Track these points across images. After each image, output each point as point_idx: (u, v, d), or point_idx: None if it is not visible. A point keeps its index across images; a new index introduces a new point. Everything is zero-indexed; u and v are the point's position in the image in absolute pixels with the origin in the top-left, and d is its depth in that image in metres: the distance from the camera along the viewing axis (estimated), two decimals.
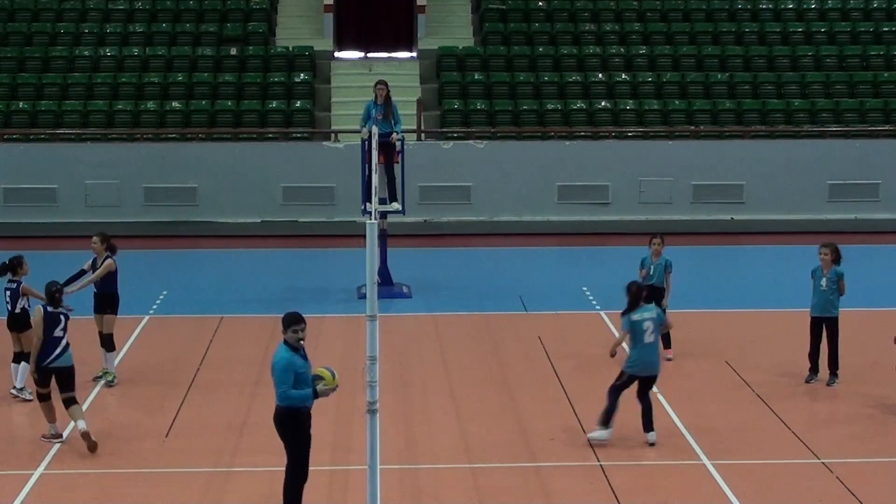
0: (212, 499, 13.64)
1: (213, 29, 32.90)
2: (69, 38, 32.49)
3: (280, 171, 29.44)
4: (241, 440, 15.39)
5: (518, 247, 27.59)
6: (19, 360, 16.97)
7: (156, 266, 25.80)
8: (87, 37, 32.53)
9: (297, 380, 12.50)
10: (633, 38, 33.07)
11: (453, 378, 17.99)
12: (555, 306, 22.18)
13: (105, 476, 14.26)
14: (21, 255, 17.32)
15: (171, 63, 31.96)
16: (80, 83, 31.20)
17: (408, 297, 22.77)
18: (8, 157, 29.43)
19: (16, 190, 29.14)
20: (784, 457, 14.92)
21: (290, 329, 12.53)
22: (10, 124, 30.41)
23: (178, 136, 30.38)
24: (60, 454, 14.90)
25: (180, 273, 25.13)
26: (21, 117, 30.49)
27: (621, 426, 15.84)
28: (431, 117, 31.24)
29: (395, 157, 22.49)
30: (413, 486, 14.00)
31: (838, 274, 17.44)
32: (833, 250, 17.53)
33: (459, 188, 29.69)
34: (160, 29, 32.83)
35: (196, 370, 18.22)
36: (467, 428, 15.87)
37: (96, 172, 29.22)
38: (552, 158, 29.86)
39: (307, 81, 31.78)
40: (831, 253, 17.52)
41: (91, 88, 31.17)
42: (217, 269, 25.55)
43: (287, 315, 12.63)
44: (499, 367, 18.49)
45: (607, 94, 31.63)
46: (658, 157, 29.97)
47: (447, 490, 13.91)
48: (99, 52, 32.03)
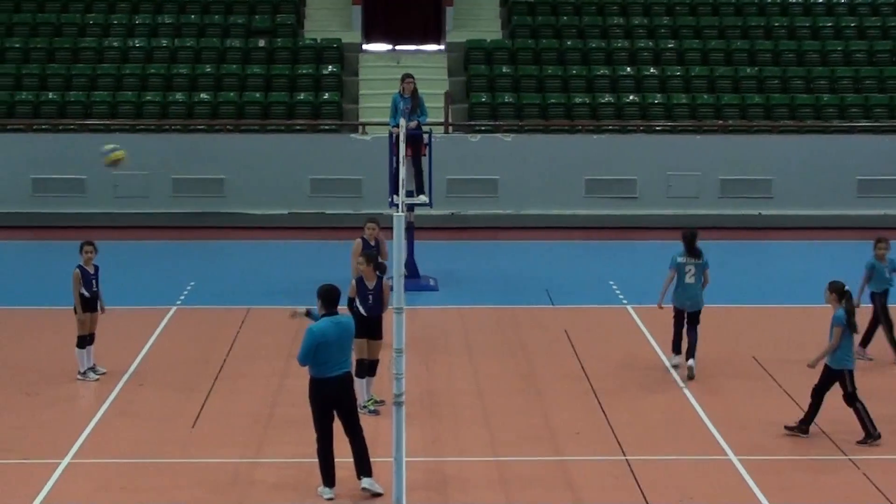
0: (239, 488, 13.68)
1: (241, 21, 32.95)
2: (98, 28, 32.59)
3: (307, 163, 29.48)
4: (268, 430, 15.43)
5: (545, 240, 27.55)
6: (84, 345, 17.10)
7: (183, 257, 25.88)
8: (117, 28, 32.62)
9: (318, 351, 13.17)
10: (662, 31, 32.98)
11: (479, 371, 17.99)
12: (581, 300, 22.15)
13: (132, 465, 14.32)
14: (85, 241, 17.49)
15: (199, 54, 32.02)
16: (109, 74, 31.29)
17: (434, 289, 22.77)
18: (37, 147, 29.56)
19: (45, 180, 29.25)
20: (811, 453, 14.86)
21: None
22: (39, 115, 30.53)
23: (207, 128, 30.45)
24: (88, 443, 14.96)
25: (208, 264, 25.19)
26: (50, 108, 30.61)
27: (647, 421, 15.83)
28: (459, 110, 31.22)
29: (423, 150, 22.49)
30: (439, 478, 14.01)
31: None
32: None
33: (486, 181, 29.66)
34: (189, 20, 32.90)
35: (223, 361, 18.27)
36: (493, 421, 15.87)
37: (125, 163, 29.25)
38: (580, 152, 29.82)
39: (335, 73, 31.81)
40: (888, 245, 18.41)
41: (120, 79, 31.26)
42: (244, 261, 25.59)
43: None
44: (525, 361, 18.49)
45: (636, 88, 31.56)
46: (686, 151, 29.89)
47: (473, 483, 13.92)
48: (128, 43, 32.11)
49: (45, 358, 18.22)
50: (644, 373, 17.95)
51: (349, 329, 13.55)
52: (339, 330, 13.33)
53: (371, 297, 15.78)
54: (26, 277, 23.71)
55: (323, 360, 13.22)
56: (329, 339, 13.23)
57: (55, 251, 25.13)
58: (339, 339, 13.31)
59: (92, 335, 17.26)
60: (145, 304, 21.24)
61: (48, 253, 25.78)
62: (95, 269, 17.29)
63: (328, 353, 13.21)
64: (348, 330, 13.52)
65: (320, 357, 13.23)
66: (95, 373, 17.27)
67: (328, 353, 13.21)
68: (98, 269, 17.33)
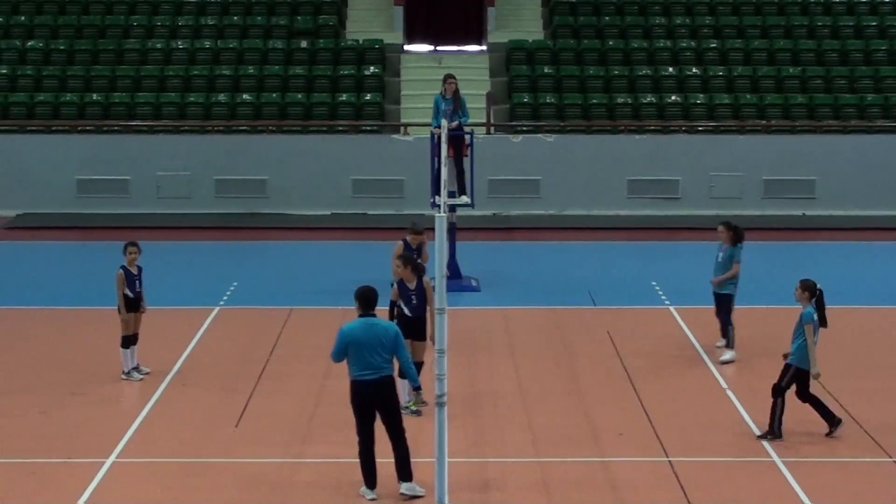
0: (281, 488, 13.72)
1: (283, 22, 33.07)
2: (142, 30, 32.78)
3: (350, 164, 29.55)
4: (310, 430, 15.46)
5: (587, 241, 27.50)
6: (128, 345, 17.22)
7: (226, 257, 25.99)
8: (160, 30, 32.81)
9: (350, 352, 13.19)
10: (704, 31, 32.87)
11: (521, 371, 17.97)
12: (624, 301, 22.10)
13: (176, 465, 14.38)
14: (129, 241, 17.64)
15: (242, 56, 32.15)
16: (152, 76, 31.47)
17: (476, 290, 22.77)
18: (82, 148, 29.77)
19: (89, 181, 29.45)
20: (856, 455, 14.77)
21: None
22: (84, 116, 30.74)
23: (249, 129, 30.58)
24: (132, 443, 15.05)
25: (250, 264, 25.27)
26: (95, 109, 30.81)
27: (690, 422, 15.78)
28: (501, 111, 31.22)
29: (465, 151, 22.50)
30: (481, 479, 14.01)
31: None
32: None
33: (528, 182, 29.65)
34: (231, 22, 33.04)
35: (266, 361, 18.32)
36: (535, 421, 15.85)
37: (168, 164, 29.50)
38: (622, 152, 29.76)
39: (377, 74, 31.86)
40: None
41: (163, 81, 31.44)
42: (287, 261, 25.67)
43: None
44: (567, 362, 18.45)
45: (678, 88, 31.47)
46: (729, 151, 29.78)
47: (515, 483, 13.90)
48: (171, 44, 32.29)
49: (89, 357, 18.33)
50: (687, 374, 17.90)
51: (386, 332, 13.30)
52: (370, 332, 13.18)
53: (414, 297, 15.82)
54: (71, 277, 23.87)
55: (354, 361, 13.18)
56: (359, 341, 13.14)
57: (99, 251, 25.28)
58: (370, 342, 13.13)
59: (136, 335, 17.36)
60: (189, 305, 21.34)
61: (92, 253, 25.93)
62: (139, 270, 17.39)
63: (360, 355, 13.14)
64: (385, 333, 13.26)
65: (352, 358, 13.19)
66: (139, 372, 17.37)
67: (360, 354, 13.14)
68: (141, 270, 17.42)
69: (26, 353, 18.73)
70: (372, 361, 13.14)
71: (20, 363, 18.17)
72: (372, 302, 13.38)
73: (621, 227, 28.58)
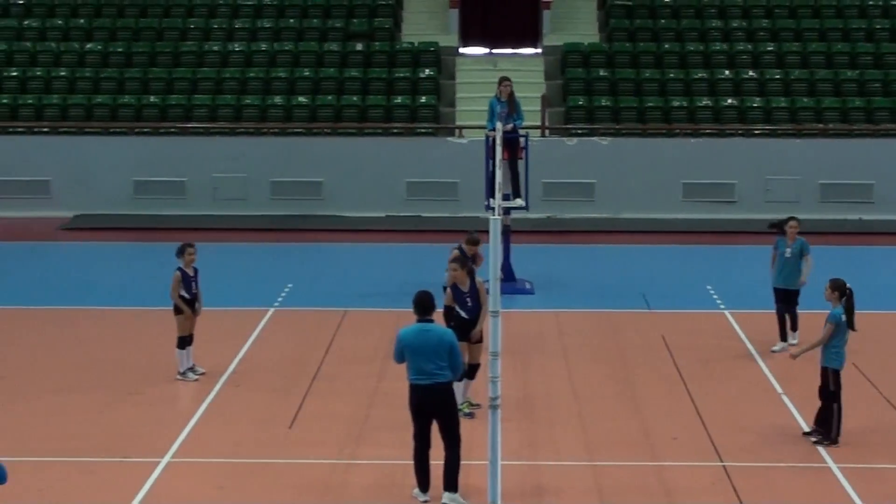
0: (334, 489, 13.76)
1: (339, 25, 33.17)
2: (199, 33, 32.98)
3: (404, 166, 29.60)
4: (363, 432, 15.50)
5: (642, 244, 27.41)
6: (184, 346, 17.34)
7: (281, 259, 26.10)
8: (217, 32, 32.99)
9: (406, 357, 13.20)
10: (760, 34, 32.68)
11: (575, 375, 17.95)
12: (678, 305, 22.01)
13: (230, 465, 14.46)
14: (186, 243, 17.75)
15: (297, 59, 32.28)
16: (209, 78, 31.67)
17: (530, 293, 22.75)
18: (139, 150, 29.99)
19: (146, 182, 29.66)
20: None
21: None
22: (141, 118, 30.97)
23: (305, 131, 30.70)
24: (187, 443, 15.15)
25: (305, 266, 25.37)
26: (152, 111, 31.03)
27: (745, 427, 15.69)
28: (556, 114, 31.17)
29: (520, 154, 22.48)
30: (534, 481, 14.00)
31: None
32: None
33: (583, 185, 29.59)
34: (287, 25, 33.18)
35: (320, 362, 18.38)
36: (589, 425, 15.82)
37: (224, 166, 29.66)
38: (677, 156, 29.64)
39: (432, 77, 31.91)
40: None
41: (220, 83, 31.62)
42: (341, 263, 25.75)
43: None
44: (621, 365, 18.41)
45: (734, 91, 31.31)
46: (785, 155, 29.59)
47: (568, 487, 13.89)
48: (228, 47, 32.47)
49: (145, 358, 18.47)
50: (741, 378, 17.81)
51: (441, 339, 13.19)
52: (423, 338, 13.14)
53: (469, 300, 15.83)
54: (128, 278, 24.03)
55: (410, 365, 13.18)
56: (412, 345, 13.12)
57: (156, 252, 25.48)
58: (424, 347, 13.09)
59: (191, 336, 17.47)
60: (244, 306, 21.45)
61: (149, 254, 26.12)
62: (195, 272, 17.50)
63: (414, 360, 13.13)
64: (439, 340, 13.15)
65: (408, 363, 13.19)
66: (194, 373, 17.48)
67: (414, 359, 13.13)
68: (198, 272, 17.53)
69: (83, 353, 18.89)
70: (425, 367, 13.11)
71: (77, 363, 18.33)
72: (427, 308, 13.33)
73: (676, 231, 28.46)
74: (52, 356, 18.70)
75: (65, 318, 21.01)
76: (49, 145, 30.18)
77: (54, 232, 28.21)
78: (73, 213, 29.47)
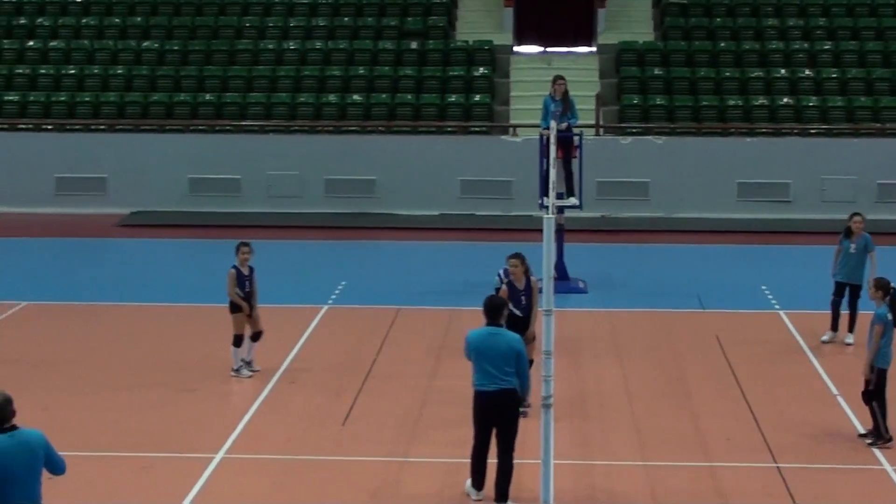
0: (387, 488, 13.78)
1: (394, 23, 33.24)
2: (254, 32, 33.15)
3: (458, 165, 29.62)
4: (416, 431, 15.51)
5: (696, 244, 27.30)
6: (239, 343, 17.43)
7: (335, 256, 26.19)
8: (272, 31, 33.15)
9: (472, 360, 13.03)
10: (817, 33, 32.47)
11: (628, 374, 17.90)
12: (733, 305, 21.91)
13: (283, 462, 14.52)
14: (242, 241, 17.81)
15: (352, 57, 32.38)
16: (264, 76, 31.82)
17: (584, 292, 22.70)
18: (194, 147, 30.19)
19: (201, 180, 29.85)
20: None
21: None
22: (196, 116, 31.17)
23: (359, 129, 30.79)
24: (241, 439, 15.23)
25: (359, 264, 25.44)
26: (207, 109, 31.22)
27: (799, 428, 15.59)
28: (610, 112, 31.10)
29: (574, 152, 22.46)
30: (587, 481, 13.98)
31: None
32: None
33: (637, 184, 29.50)
34: (342, 23, 33.28)
35: (373, 360, 18.43)
36: (641, 424, 15.77)
37: (279, 163, 29.79)
38: (732, 155, 29.51)
39: (486, 76, 31.91)
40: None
41: (274, 81, 31.77)
42: (395, 261, 25.80)
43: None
44: (675, 365, 18.34)
45: (790, 90, 31.12)
46: (842, 154, 29.39)
47: (620, 487, 13.85)
48: (283, 45, 32.61)
49: (200, 354, 18.58)
50: (796, 378, 17.70)
51: (509, 344, 12.97)
52: (491, 341, 12.97)
53: (523, 298, 15.85)
54: (183, 275, 24.19)
55: (476, 369, 13.02)
56: (479, 348, 12.98)
57: (210, 249, 25.62)
58: (491, 351, 12.90)
59: (257, 333, 17.49)
60: (297, 303, 21.53)
61: (204, 251, 26.28)
62: (250, 271, 17.55)
63: (480, 365, 12.97)
64: (507, 346, 12.95)
65: (475, 366, 13.04)
66: (249, 370, 17.55)
67: (480, 364, 12.97)
68: (253, 271, 17.58)
69: (139, 349, 19.03)
70: (491, 372, 12.91)
71: (133, 359, 18.46)
72: (497, 312, 13.18)
73: (730, 231, 28.32)
74: (107, 352, 18.85)
75: (120, 314, 21.16)
76: (106, 143, 30.46)
77: (110, 229, 28.44)
78: (130, 210, 29.71)
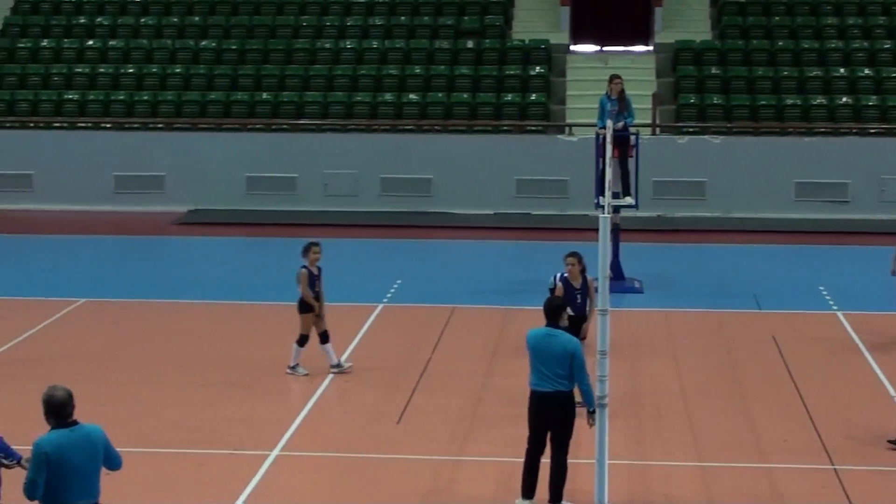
0: (441, 486, 13.80)
1: (450, 22, 33.27)
2: (311, 31, 33.28)
3: (514, 164, 29.61)
4: (471, 430, 15.52)
5: (753, 244, 27.14)
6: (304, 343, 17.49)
7: (391, 255, 26.26)
8: (329, 30, 33.26)
9: (530, 360, 12.92)
10: (877, 32, 32.20)
11: (684, 375, 17.83)
12: (790, 306, 21.77)
13: (339, 459, 14.57)
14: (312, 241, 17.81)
15: (408, 56, 32.44)
16: (320, 75, 31.93)
17: (639, 292, 22.64)
18: (251, 146, 30.35)
19: (258, 178, 30.00)
20: None
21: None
22: (254, 114, 31.33)
23: (415, 128, 30.84)
24: (297, 436, 15.29)
25: (414, 262, 25.49)
26: (264, 108, 31.37)
27: (856, 429, 15.48)
28: (667, 112, 30.99)
29: (630, 152, 22.40)
30: (642, 482, 13.94)
31: None
32: None
33: (694, 184, 29.38)
34: (399, 22, 33.35)
35: (428, 358, 18.46)
36: (697, 425, 15.71)
37: (335, 162, 29.89)
38: (790, 155, 29.32)
39: (543, 75, 31.87)
40: None
41: (331, 80, 31.88)
42: (450, 260, 25.84)
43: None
44: (731, 366, 18.25)
45: (849, 89, 30.89)
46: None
47: (676, 488, 13.79)
48: (339, 44, 32.72)
49: (256, 352, 18.65)
50: (853, 380, 17.57)
51: (565, 347, 12.76)
52: (547, 342, 12.84)
53: (579, 297, 15.86)
54: (240, 273, 24.32)
55: (532, 369, 12.93)
56: (536, 348, 12.89)
57: (267, 248, 25.73)
58: (546, 352, 12.78)
59: (324, 333, 17.50)
60: (353, 301, 21.59)
61: (261, 249, 26.41)
62: (319, 270, 17.62)
63: (535, 365, 12.87)
64: (562, 348, 12.75)
65: (531, 366, 12.94)
66: (339, 370, 17.49)
67: (535, 364, 12.87)
68: (321, 270, 17.64)
69: (195, 346, 19.15)
70: (544, 373, 12.81)
71: (189, 356, 18.58)
72: (555, 314, 13.04)
73: (788, 231, 28.15)
74: (163, 349, 18.98)
75: (178, 311, 21.31)
76: (164, 141, 30.69)
77: (168, 226, 28.64)
78: (187, 209, 29.91)
